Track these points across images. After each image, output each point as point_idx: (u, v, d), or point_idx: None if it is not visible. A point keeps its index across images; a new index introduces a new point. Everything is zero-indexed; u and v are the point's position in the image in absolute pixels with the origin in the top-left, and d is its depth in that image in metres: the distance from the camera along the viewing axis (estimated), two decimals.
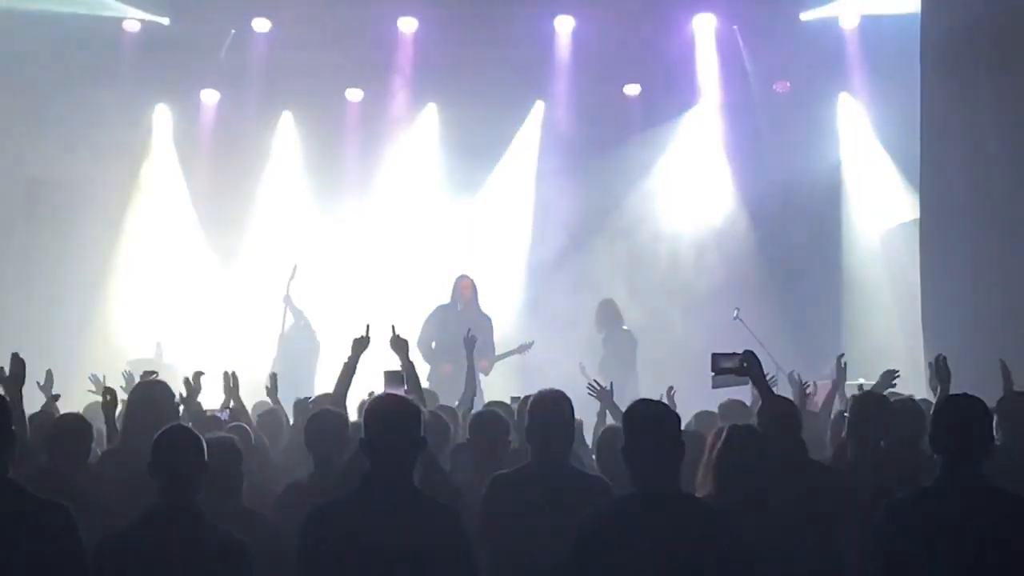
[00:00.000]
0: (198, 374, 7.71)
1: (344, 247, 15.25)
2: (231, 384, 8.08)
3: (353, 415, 7.21)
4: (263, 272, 15.04)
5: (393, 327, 7.68)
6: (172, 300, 14.68)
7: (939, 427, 4.71)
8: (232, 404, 8.14)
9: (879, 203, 14.86)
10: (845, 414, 6.70)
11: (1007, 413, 6.66)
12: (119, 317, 14.50)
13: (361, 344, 7.55)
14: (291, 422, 8.13)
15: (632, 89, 15.53)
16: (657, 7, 14.72)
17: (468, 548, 4.59)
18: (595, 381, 8.26)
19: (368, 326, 7.67)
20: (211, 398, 8.35)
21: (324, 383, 8.06)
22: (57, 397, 8.36)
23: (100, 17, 14.21)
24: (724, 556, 4.47)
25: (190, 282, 14.84)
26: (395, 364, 7.62)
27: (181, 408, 7.05)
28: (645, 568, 4.41)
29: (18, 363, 6.41)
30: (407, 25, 14.96)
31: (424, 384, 8.99)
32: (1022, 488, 4.69)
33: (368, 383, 7.71)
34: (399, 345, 7.59)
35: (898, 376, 8.44)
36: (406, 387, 7.17)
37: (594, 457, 7.00)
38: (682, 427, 4.82)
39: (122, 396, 8.84)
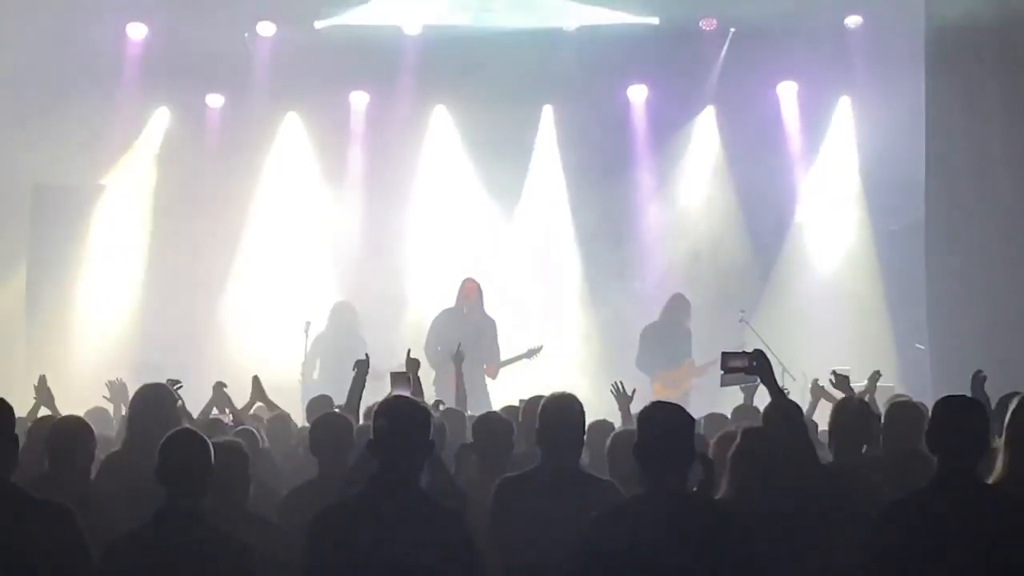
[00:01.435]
0: (220, 384, 7.95)
1: (351, 247, 15.23)
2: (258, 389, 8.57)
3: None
4: (269, 273, 15.06)
5: (409, 351, 7.79)
6: (177, 304, 14.65)
7: (936, 427, 4.70)
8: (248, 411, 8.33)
9: (878, 208, 14.86)
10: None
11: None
12: (124, 321, 14.48)
13: (363, 366, 7.64)
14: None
15: (637, 92, 15.50)
16: (662, 10, 14.70)
17: (473, 551, 4.58)
18: (620, 382, 8.29)
19: (367, 354, 7.83)
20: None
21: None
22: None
23: (105, 22, 14.20)
24: (735, 556, 4.47)
25: (195, 285, 14.82)
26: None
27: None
28: (655, 568, 4.42)
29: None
30: (411, 29, 14.98)
31: (431, 388, 9.05)
32: None
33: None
34: (412, 366, 7.63)
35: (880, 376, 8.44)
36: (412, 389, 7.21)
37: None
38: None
39: (106, 405, 8.99)
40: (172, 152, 15.16)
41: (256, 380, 8.85)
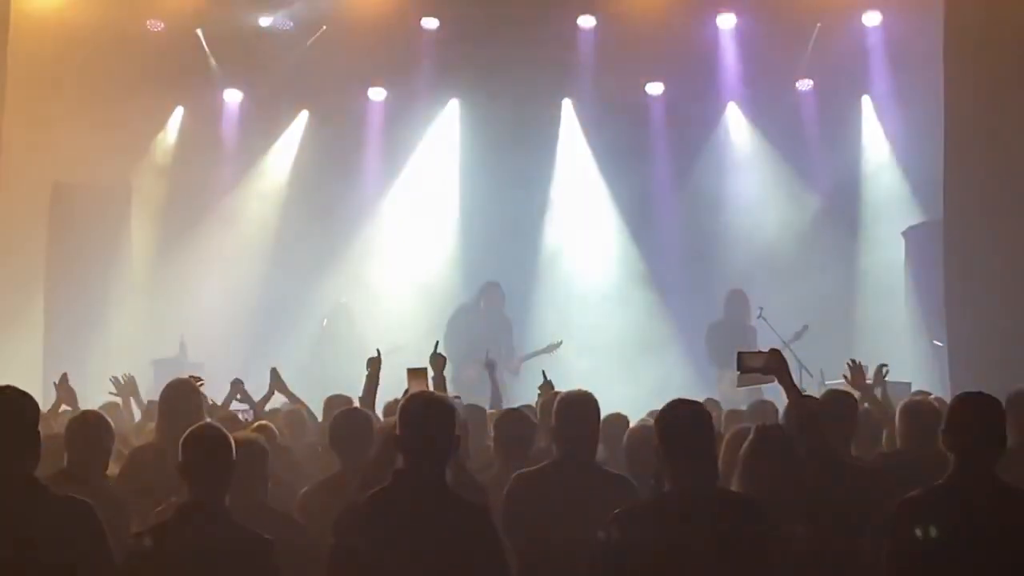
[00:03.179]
0: (238, 381, 7.99)
1: (362, 246, 15.26)
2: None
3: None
4: (284, 269, 15.07)
5: (437, 343, 7.75)
6: (195, 299, 14.69)
7: (953, 425, 4.68)
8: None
9: (897, 205, 14.83)
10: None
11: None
12: (143, 318, 14.51)
13: (375, 362, 7.64)
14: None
15: (654, 88, 15.48)
16: (679, 6, 14.68)
17: (499, 545, 4.60)
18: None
19: (379, 349, 7.77)
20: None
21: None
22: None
23: (124, 18, 14.23)
24: (758, 552, 4.48)
25: (213, 280, 14.86)
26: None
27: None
28: (678, 565, 4.42)
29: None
30: (430, 24, 14.98)
31: (451, 385, 9.05)
32: None
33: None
34: (438, 362, 7.61)
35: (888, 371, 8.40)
36: (432, 383, 7.21)
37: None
38: None
39: (114, 400, 9.04)
40: (190, 149, 15.20)
41: (274, 372, 8.86)
